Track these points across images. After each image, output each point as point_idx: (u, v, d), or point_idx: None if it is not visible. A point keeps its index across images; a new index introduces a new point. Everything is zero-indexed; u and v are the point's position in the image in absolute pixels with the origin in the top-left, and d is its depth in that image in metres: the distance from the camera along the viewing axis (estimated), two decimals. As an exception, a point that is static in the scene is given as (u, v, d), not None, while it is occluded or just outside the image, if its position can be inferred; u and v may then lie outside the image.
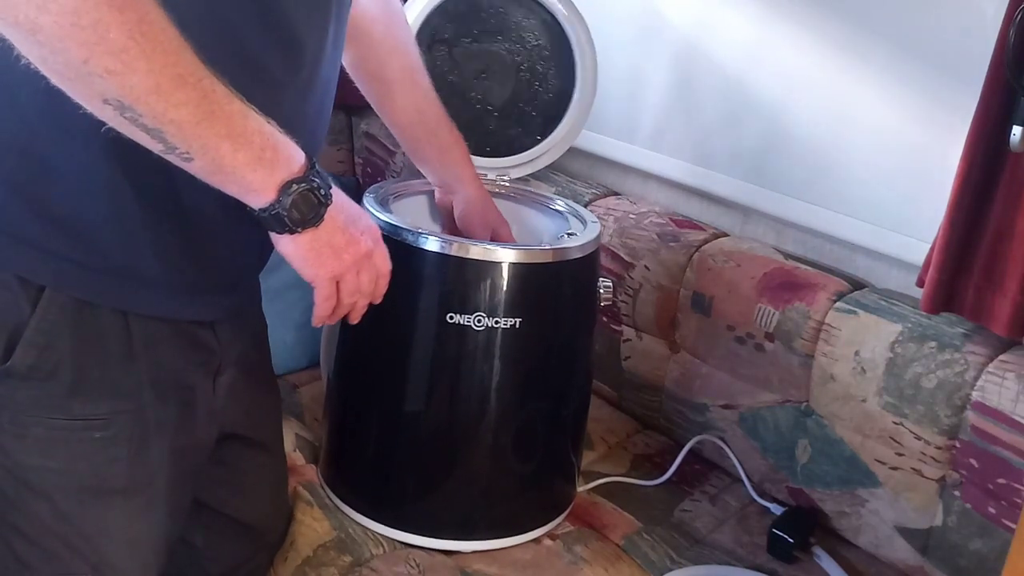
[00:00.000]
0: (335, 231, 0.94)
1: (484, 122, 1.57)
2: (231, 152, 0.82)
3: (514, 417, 1.34)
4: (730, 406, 1.56)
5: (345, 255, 0.96)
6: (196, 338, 1.04)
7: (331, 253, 0.94)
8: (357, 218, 0.97)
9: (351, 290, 1.01)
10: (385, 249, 1.03)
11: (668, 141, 1.77)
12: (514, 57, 1.56)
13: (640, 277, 1.65)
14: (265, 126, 0.84)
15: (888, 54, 1.44)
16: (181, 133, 0.78)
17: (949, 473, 1.33)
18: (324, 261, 0.95)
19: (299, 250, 0.93)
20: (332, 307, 1.01)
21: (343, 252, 0.95)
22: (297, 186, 0.87)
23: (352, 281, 1.00)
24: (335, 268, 0.96)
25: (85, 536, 1.00)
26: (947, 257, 1.29)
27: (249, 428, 1.20)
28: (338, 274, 0.97)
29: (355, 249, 0.97)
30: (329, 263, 0.95)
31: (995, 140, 1.22)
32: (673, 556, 1.39)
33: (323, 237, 0.93)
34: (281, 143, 0.86)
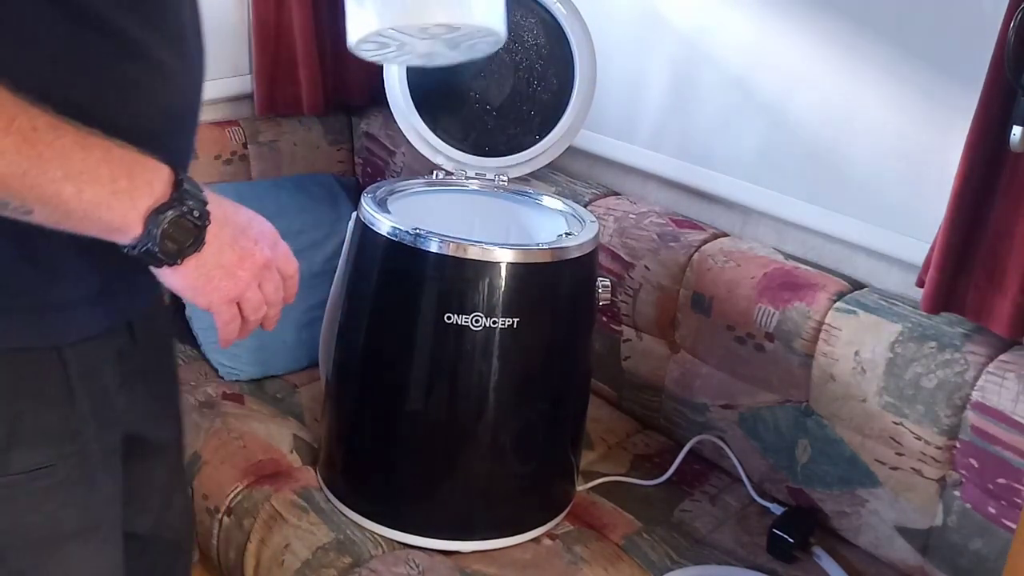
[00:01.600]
0: (222, 250, 0.81)
1: (483, 121, 1.57)
2: (75, 195, 0.71)
3: (513, 417, 1.34)
4: (730, 406, 1.56)
5: (240, 273, 0.83)
6: (121, 349, 0.96)
7: (223, 275, 0.82)
8: (246, 226, 0.84)
9: (255, 306, 0.88)
10: (286, 248, 0.90)
11: (668, 141, 1.77)
12: (513, 56, 1.55)
13: (640, 277, 1.64)
14: (113, 149, 0.73)
15: (888, 54, 1.43)
16: (8, 189, 0.68)
17: (949, 473, 1.32)
18: (217, 286, 0.83)
19: (186, 280, 0.81)
20: (237, 329, 0.89)
21: (237, 270, 0.83)
22: (166, 213, 0.75)
23: (254, 297, 0.87)
24: (231, 290, 0.84)
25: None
26: (947, 257, 1.28)
27: (148, 427, 1.09)
28: (236, 295, 0.85)
29: (250, 263, 0.84)
30: (223, 286, 0.83)
31: (995, 140, 1.22)
32: (673, 556, 1.39)
33: (210, 260, 0.80)
34: (137, 165, 0.74)
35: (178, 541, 1.21)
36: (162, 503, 1.16)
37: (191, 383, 1.74)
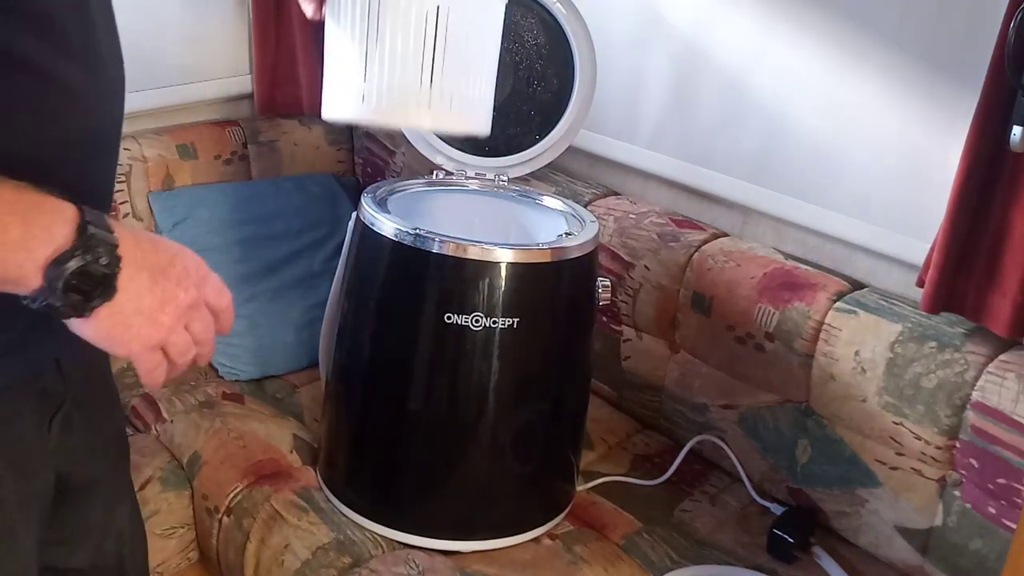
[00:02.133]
0: (140, 295, 0.72)
1: (483, 122, 1.57)
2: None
3: (513, 417, 1.34)
4: (730, 406, 1.56)
5: (161, 318, 0.74)
6: (45, 390, 0.90)
7: (143, 321, 0.73)
8: (167, 265, 0.74)
9: (181, 351, 0.78)
10: (216, 281, 0.80)
11: (668, 141, 1.77)
12: (513, 56, 1.55)
13: (640, 277, 1.64)
14: (4, 192, 0.65)
15: (888, 54, 1.43)
16: None
17: (949, 473, 1.32)
18: (137, 333, 0.73)
19: (99, 331, 0.72)
20: (162, 375, 0.79)
21: (158, 316, 0.74)
22: (67, 264, 0.66)
23: (180, 341, 0.77)
24: (152, 337, 0.74)
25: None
26: (947, 257, 1.28)
27: (84, 461, 1.03)
28: (158, 342, 0.75)
29: (172, 307, 0.74)
30: (143, 333, 0.74)
31: (995, 140, 1.22)
32: (673, 556, 1.39)
33: (126, 308, 0.71)
34: (34, 209, 0.66)
35: (121, 565, 1.14)
36: (102, 535, 1.10)
37: (191, 383, 1.74)
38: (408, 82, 0.88)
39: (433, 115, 0.90)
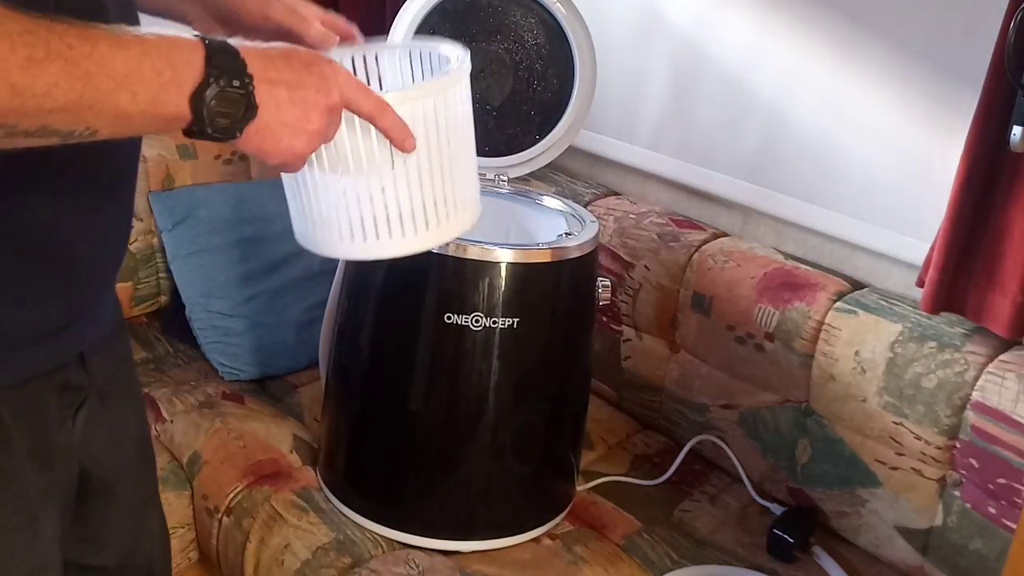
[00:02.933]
0: (281, 108, 0.76)
1: (483, 121, 1.57)
2: (130, 100, 0.68)
3: (512, 417, 1.34)
4: (730, 406, 1.56)
5: (309, 127, 0.77)
6: (68, 383, 0.92)
7: (291, 133, 0.77)
8: (303, 74, 0.77)
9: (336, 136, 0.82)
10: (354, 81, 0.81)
11: (668, 141, 1.77)
12: (513, 56, 1.55)
13: (640, 277, 1.64)
14: (146, 39, 0.69)
15: (888, 54, 1.43)
16: (70, 117, 0.66)
17: (949, 473, 1.32)
18: (288, 145, 0.78)
19: (252, 146, 0.77)
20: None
21: (304, 124, 0.77)
22: (204, 93, 0.71)
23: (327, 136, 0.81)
24: (303, 147, 0.79)
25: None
26: (947, 257, 1.28)
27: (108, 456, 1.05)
28: (311, 148, 0.80)
29: (317, 114, 0.78)
30: (295, 144, 0.78)
31: (995, 140, 1.22)
32: (673, 556, 1.39)
33: (270, 123, 0.76)
34: (173, 49, 0.71)
35: (150, 567, 1.17)
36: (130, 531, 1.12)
37: (191, 383, 1.74)
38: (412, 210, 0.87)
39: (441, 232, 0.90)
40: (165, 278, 1.91)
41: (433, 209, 0.87)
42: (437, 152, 0.86)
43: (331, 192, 0.86)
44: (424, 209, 0.87)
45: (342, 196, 0.86)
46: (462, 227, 0.92)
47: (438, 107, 0.85)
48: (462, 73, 0.89)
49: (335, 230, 0.88)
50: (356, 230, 0.87)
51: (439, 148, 0.86)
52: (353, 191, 0.85)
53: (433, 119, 0.85)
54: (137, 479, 1.13)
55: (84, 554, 1.06)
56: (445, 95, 0.85)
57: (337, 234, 0.88)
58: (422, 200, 0.87)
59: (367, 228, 0.86)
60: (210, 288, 1.81)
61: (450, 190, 0.88)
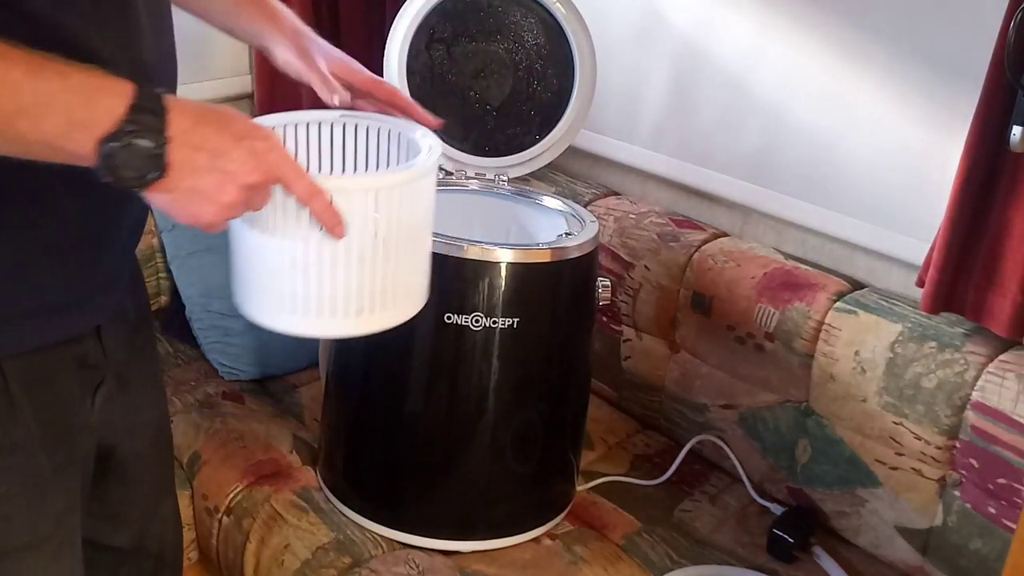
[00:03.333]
0: (197, 175, 0.74)
1: (483, 121, 1.57)
2: (32, 128, 0.68)
3: (512, 417, 1.34)
4: (730, 406, 1.56)
5: (223, 198, 0.75)
6: (84, 358, 0.93)
7: (202, 201, 0.75)
8: (229, 146, 0.75)
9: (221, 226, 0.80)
10: (281, 152, 0.78)
11: (668, 141, 1.77)
12: (513, 56, 1.55)
13: (640, 277, 1.64)
14: (72, 75, 0.69)
15: (888, 54, 1.43)
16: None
17: (949, 473, 1.32)
18: (197, 211, 0.76)
19: (160, 203, 0.75)
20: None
21: (219, 196, 0.75)
22: (111, 144, 0.70)
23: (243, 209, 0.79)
24: (212, 216, 0.76)
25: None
26: (947, 257, 1.28)
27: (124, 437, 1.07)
28: (220, 219, 0.77)
29: (234, 188, 0.75)
30: (204, 211, 0.76)
31: (995, 140, 1.22)
32: (673, 556, 1.39)
33: (181, 187, 0.73)
34: (98, 91, 0.70)
35: (161, 553, 1.18)
36: (144, 515, 1.14)
37: (191, 383, 1.74)
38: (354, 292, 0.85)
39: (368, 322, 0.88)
40: (165, 278, 1.91)
41: (367, 297, 0.85)
42: (370, 244, 0.83)
43: (262, 259, 0.85)
44: (356, 295, 0.85)
45: (271, 265, 0.84)
46: (395, 320, 0.90)
47: (382, 201, 0.83)
48: (418, 172, 0.86)
49: (264, 297, 0.87)
50: (283, 301, 0.85)
51: (377, 240, 0.83)
52: (279, 263, 0.84)
53: (376, 211, 0.82)
54: (153, 465, 1.15)
55: (101, 533, 1.08)
56: (392, 192, 0.83)
57: (266, 302, 0.87)
58: (355, 286, 0.84)
59: (294, 302, 0.85)
60: (210, 288, 1.81)
61: (389, 282, 0.86)
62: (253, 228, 0.83)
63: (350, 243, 0.82)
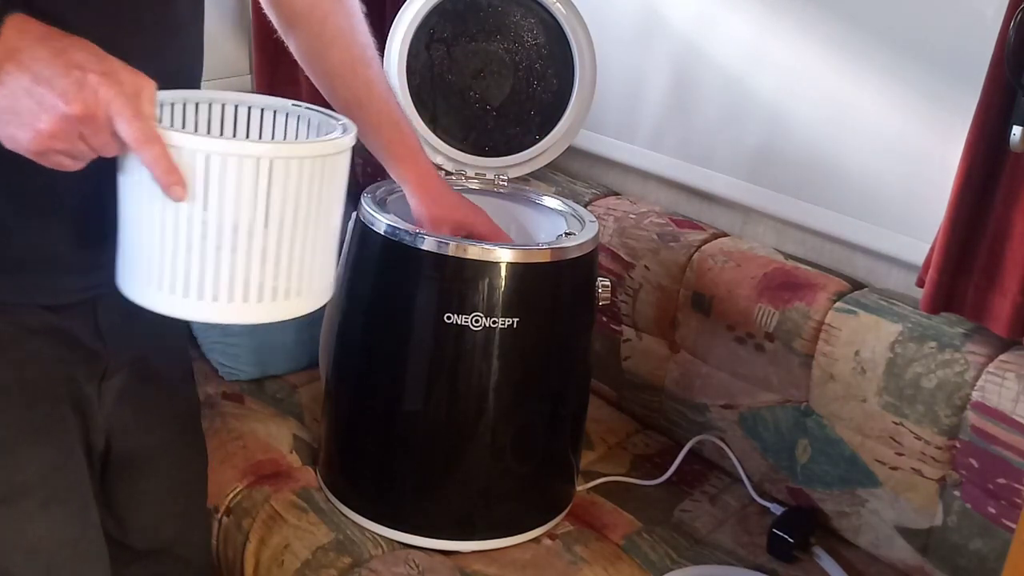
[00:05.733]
0: (15, 96, 0.70)
1: (483, 121, 1.57)
2: None
3: (512, 417, 1.34)
4: (730, 406, 1.56)
5: (38, 124, 0.71)
6: (73, 332, 0.94)
7: (17, 123, 0.71)
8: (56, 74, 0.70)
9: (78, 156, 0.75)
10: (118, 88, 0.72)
11: (668, 141, 1.77)
12: (512, 56, 1.55)
13: (640, 277, 1.64)
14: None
15: (888, 54, 1.43)
16: None
17: (949, 473, 1.32)
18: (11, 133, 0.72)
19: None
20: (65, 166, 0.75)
21: (34, 121, 0.71)
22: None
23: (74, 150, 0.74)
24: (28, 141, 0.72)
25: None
26: (947, 257, 1.28)
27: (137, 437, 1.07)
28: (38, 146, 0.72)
29: (50, 117, 0.70)
30: (18, 135, 0.72)
31: (995, 140, 1.22)
32: (673, 556, 1.39)
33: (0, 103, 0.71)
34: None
35: (187, 556, 1.19)
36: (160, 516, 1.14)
37: (191, 383, 1.74)
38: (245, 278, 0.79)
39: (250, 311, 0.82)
40: (165, 278, 1.91)
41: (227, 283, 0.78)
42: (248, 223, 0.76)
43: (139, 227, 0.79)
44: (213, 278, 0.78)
45: (150, 235, 0.78)
46: (276, 315, 0.83)
47: (253, 173, 0.74)
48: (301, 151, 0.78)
49: (142, 271, 0.81)
50: (150, 273, 0.79)
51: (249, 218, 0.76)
52: (141, 227, 0.78)
53: (246, 184, 0.75)
54: (170, 465, 1.14)
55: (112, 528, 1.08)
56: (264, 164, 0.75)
57: (143, 276, 0.81)
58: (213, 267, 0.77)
59: (159, 276, 0.79)
60: (210, 288, 1.81)
61: (259, 270, 0.79)
62: (123, 187, 0.78)
63: (220, 217, 0.75)
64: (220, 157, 0.74)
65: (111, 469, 1.05)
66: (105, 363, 0.98)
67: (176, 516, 1.17)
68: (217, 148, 0.75)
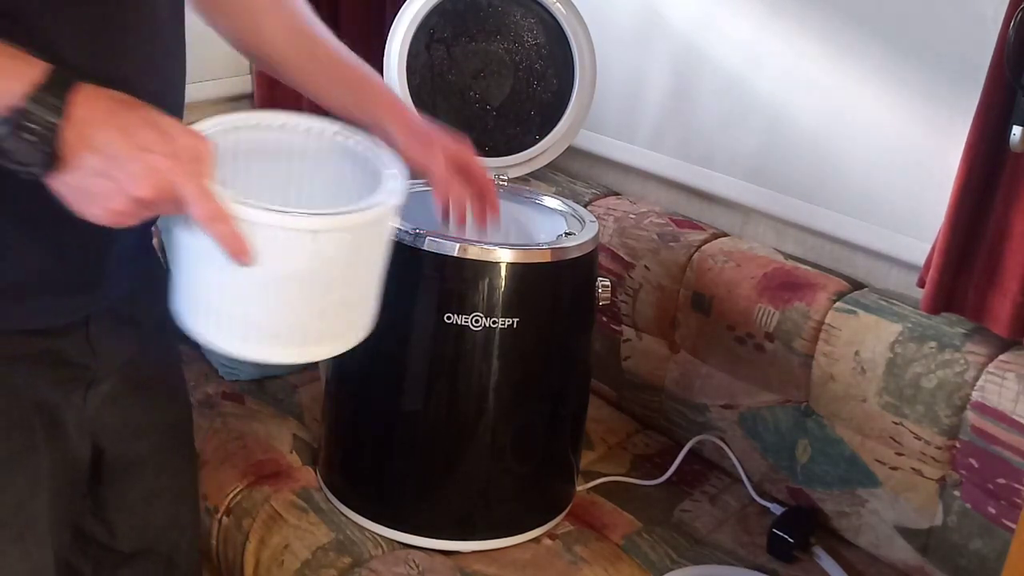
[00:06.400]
0: (86, 177, 0.72)
1: (483, 121, 1.57)
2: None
3: (512, 417, 1.34)
4: (730, 406, 1.56)
5: (111, 205, 0.73)
6: (62, 355, 0.93)
7: (89, 201, 0.73)
8: (131, 155, 0.72)
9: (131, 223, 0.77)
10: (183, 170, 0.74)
11: (668, 141, 1.77)
12: (512, 56, 1.55)
13: (640, 277, 1.64)
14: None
15: (888, 54, 1.43)
16: None
17: (949, 473, 1.32)
18: (85, 208, 0.74)
19: (60, 194, 0.74)
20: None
21: (108, 203, 0.73)
22: (3, 128, 0.69)
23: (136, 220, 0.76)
24: (106, 219, 0.74)
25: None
26: (947, 257, 1.28)
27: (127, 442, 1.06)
28: (112, 223, 0.75)
29: (122, 200, 0.73)
30: (92, 211, 0.74)
31: (995, 140, 1.22)
32: (673, 556, 1.39)
33: (71, 184, 0.72)
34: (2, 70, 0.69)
35: (172, 558, 1.17)
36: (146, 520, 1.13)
37: (191, 383, 1.73)
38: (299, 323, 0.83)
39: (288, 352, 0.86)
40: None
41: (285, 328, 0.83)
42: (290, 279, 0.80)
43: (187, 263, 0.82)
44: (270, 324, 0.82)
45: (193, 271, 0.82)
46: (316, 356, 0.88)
47: (307, 242, 0.79)
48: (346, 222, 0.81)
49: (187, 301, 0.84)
50: (209, 312, 0.83)
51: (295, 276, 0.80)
52: (200, 273, 0.82)
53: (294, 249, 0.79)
54: (158, 470, 1.13)
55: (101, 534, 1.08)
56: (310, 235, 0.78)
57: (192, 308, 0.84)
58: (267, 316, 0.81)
59: (218, 317, 0.82)
60: (210, 288, 1.81)
61: (306, 318, 0.83)
62: (181, 241, 0.81)
63: (266, 274, 0.78)
64: (280, 231, 0.78)
65: (102, 473, 1.04)
66: (93, 373, 0.97)
67: (164, 519, 1.16)
68: (275, 222, 0.77)
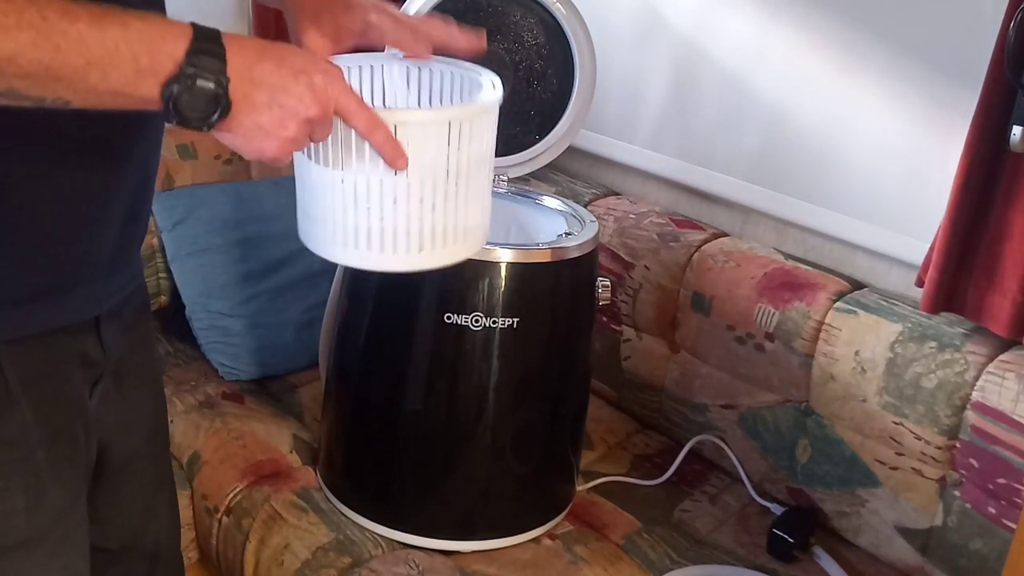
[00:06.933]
0: (257, 112, 0.75)
1: (483, 122, 1.56)
2: (102, 80, 0.69)
3: (512, 417, 1.34)
4: (730, 406, 1.56)
5: (284, 133, 0.77)
6: (86, 355, 0.94)
7: (264, 136, 0.77)
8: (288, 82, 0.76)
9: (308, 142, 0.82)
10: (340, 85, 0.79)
11: (668, 141, 1.77)
12: (512, 56, 1.55)
13: (640, 277, 1.64)
14: (131, 23, 0.70)
15: (888, 54, 1.43)
16: (37, 85, 0.68)
17: (949, 473, 1.32)
18: (259, 146, 0.78)
19: (226, 140, 0.78)
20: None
21: (280, 131, 0.77)
22: (174, 85, 0.71)
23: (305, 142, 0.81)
24: (276, 150, 0.78)
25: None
26: (947, 257, 1.28)
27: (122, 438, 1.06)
28: (283, 153, 0.79)
29: (295, 123, 0.77)
30: (266, 146, 0.78)
31: (995, 140, 1.22)
32: (673, 556, 1.39)
33: (244, 124, 0.76)
34: (158, 38, 0.71)
35: (156, 552, 1.17)
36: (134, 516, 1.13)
37: (191, 383, 1.74)
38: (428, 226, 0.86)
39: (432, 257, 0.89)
40: (165, 278, 1.91)
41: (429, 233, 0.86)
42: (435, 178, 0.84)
43: (325, 193, 0.85)
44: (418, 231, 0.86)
45: (334, 199, 0.85)
46: (457, 256, 0.91)
47: (446, 135, 0.83)
48: (480, 107, 0.87)
49: (328, 231, 0.87)
50: (347, 236, 0.86)
51: (438, 174, 0.84)
52: (343, 197, 0.84)
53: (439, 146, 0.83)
54: (146, 464, 1.13)
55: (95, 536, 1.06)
56: (455, 125, 0.83)
57: (329, 235, 0.87)
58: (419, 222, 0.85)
59: (358, 236, 0.85)
60: (210, 288, 1.81)
61: (450, 219, 0.87)
62: (317, 162, 0.84)
63: (413, 178, 0.83)
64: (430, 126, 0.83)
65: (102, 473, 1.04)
66: (100, 371, 0.98)
67: (154, 514, 1.16)
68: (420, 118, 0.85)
